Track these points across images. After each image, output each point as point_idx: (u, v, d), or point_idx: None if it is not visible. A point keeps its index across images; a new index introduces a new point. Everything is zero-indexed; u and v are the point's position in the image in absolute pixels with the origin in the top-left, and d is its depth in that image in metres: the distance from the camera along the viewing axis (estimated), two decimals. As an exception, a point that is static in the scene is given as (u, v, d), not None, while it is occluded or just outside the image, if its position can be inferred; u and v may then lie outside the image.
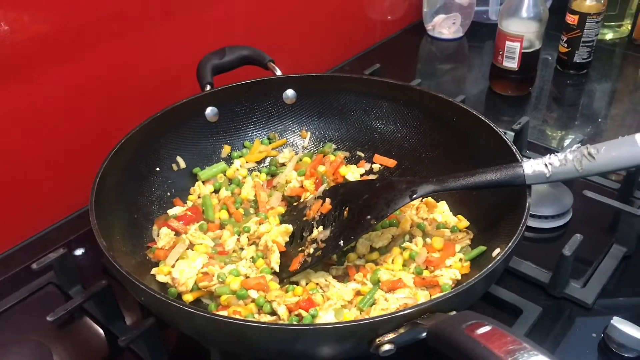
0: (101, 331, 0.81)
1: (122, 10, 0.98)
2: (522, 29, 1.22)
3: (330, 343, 0.61)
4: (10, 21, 0.85)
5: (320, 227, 0.82)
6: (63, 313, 0.75)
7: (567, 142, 1.16)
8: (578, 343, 0.77)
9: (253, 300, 0.75)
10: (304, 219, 0.86)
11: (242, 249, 0.85)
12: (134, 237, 0.83)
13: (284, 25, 1.29)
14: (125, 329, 0.80)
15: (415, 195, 0.75)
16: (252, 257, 0.82)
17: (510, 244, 0.66)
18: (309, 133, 1.04)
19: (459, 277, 0.78)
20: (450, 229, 0.86)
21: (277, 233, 0.84)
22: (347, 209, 0.81)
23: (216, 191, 0.96)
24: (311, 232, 0.83)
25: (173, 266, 0.80)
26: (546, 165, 0.71)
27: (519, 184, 0.72)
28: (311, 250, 0.80)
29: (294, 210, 0.90)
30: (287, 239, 0.85)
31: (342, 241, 0.77)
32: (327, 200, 0.85)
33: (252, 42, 1.04)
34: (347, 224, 0.79)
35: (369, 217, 0.76)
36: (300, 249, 0.82)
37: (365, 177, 0.97)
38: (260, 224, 0.87)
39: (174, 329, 0.79)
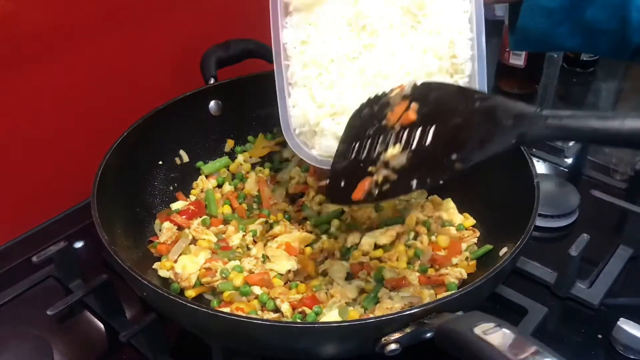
0: (101, 326, 0.81)
1: (127, 2, 0.97)
2: (529, 26, 1.20)
3: (335, 342, 0.60)
4: (11, 12, 0.84)
5: (397, 146, 0.64)
6: (63, 307, 0.75)
7: (572, 141, 1.15)
8: (584, 344, 0.76)
9: (256, 297, 0.74)
10: (384, 122, 0.67)
11: (248, 247, 0.84)
12: (136, 231, 0.82)
13: (289, 18, 1.28)
14: (125, 323, 0.80)
15: (525, 141, 0.56)
16: (263, 255, 0.82)
17: (518, 243, 0.66)
18: (313, 128, 1.02)
19: (465, 276, 0.77)
20: (456, 227, 0.85)
21: (295, 237, 0.82)
22: (432, 128, 0.63)
23: (219, 186, 0.95)
24: (387, 148, 0.65)
25: (175, 261, 0.79)
26: None
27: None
28: (380, 179, 0.64)
29: (374, 102, 0.70)
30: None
31: (415, 181, 0.61)
32: (414, 105, 0.65)
33: (256, 35, 1.02)
34: (427, 157, 0.62)
35: (454, 156, 0.59)
36: (370, 169, 0.65)
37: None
38: (265, 223, 0.87)
39: (175, 325, 0.78)
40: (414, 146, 0.63)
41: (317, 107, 0.73)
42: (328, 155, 0.73)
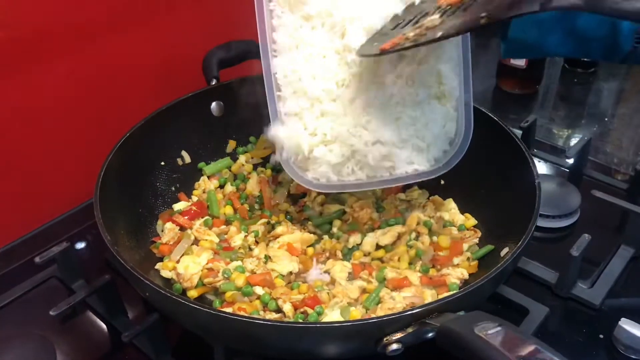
0: (104, 326, 0.81)
1: (129, 3, 0.97)
2: (530, 27, 1.20)
3: (337, 341, 0.60)
4: (14, 14, 0.84)
5: (438, 16, 0.66)
6: (66, 307, 0.75)
7: (573, 141, 1.15)
8: (585, 344, 0.76)
9: (258, 297, 0.75)
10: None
11: (250, 248, 0.84)
12: (138, 231, 0.82)
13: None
14: (128, 324, 0.80)
15: (550, 6, 0.57)
16: (265, 256, 0.82)
17: (520, 244, 0.66)
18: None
19: (467, 277, 0.77)
20: (458, 227, 0.85)
21: (297, 238, 0.83)
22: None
23: (221, 186, 0.95)
24: (426, 17, 0.67)
25: (178, 262, 0.79)
26: None
27: None
28: (411, 35, 0.65)
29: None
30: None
31: (440, 32, 0.62)
32: None
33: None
34: (458, 13, 0.64)
35: (483, 14, 0.60)
36: (403, 32, 0.67)
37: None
38: (267, 223, 0.87)
39: (177, 325, 0.78)
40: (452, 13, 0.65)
41: (309, 136, 0.75)
42: (324, 179, 0.77)
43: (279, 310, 0.73)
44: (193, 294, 0.77)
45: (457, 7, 0.66)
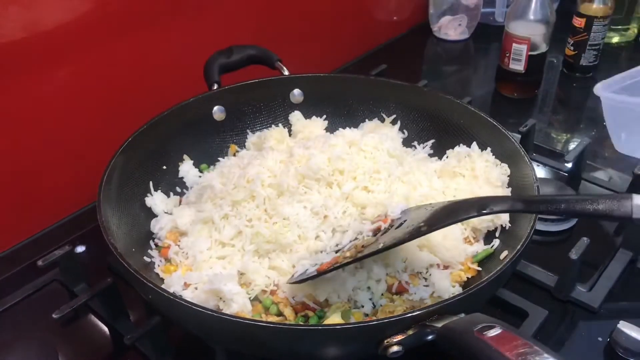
0: (106, 329, 0.81)
1: (130, 9, 0.98)
2: (529, 31, 1.21)
3: (337, 344, 0.61)
4: (16, 18, 0.85)
5: (371, 237, 0.73)
6: (68, 310, 0.75)
7: (572, 145, 1.16)
8: (584, 347, 0.77)
9: (260, 301, 0.75)
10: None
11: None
12: (140, 234, 0.83)
13: (292, 24, 1.29)
14: (130, 327, 0.80)
15: (485, 211, 0.65)
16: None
17: (519, 247, 0.66)
18: (315, 133, 1.03)
19: (465, 279, 0.78)
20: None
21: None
22: (403, 224, 0.72)
23: (222, 190, 0.95)
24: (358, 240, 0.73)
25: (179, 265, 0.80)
26: None
27: (623, 219, 0.60)
28: (348, 254, 0.71)
29: None
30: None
31: (382, 243, 0.67)
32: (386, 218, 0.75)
33: (259, 41, 1.04)
34: (396, 230, 0.71)
35: (421, 224, 0.67)
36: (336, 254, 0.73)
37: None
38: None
39: (180, 328, 0.78)
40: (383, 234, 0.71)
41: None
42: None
43: (280, 314, 0.74)
44: (195, 296, 0.77)
45: (388, 228, 0.72)
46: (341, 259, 0.70)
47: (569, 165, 1.04)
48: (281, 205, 0.76)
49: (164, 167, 0.91)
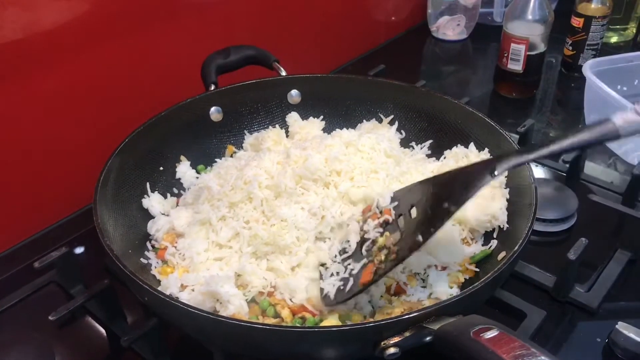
0: (103, 331, 0.81)
1: (127, 10, 0.98)
2: (527, 32, 1.21)
3: (335, 346, 0.60)
4: (14, 19, 0.85)
5: (387, 233, 0.71)
6: (65, 312, 0.75)
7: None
8: (582, 348, 0.77)
9: (257, 303, 0.75)
10: (361, 232, 0.75)
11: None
12: (137, 236, 0.82)
13: (289, 25, 1.29)
14: (127, 328, 0.80)
15: (496, 172, 0.64)
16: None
17: (517, 248, 0.66)
18: (313, 134, 1.03)
19: (462, 280, 0.78)
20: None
21: None
22: (411, 208, 0.71)
23: (219, 191, 0.95)
24: (374, 243, 0.72)
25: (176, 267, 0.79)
26: (637, 112, 0.61)
27: (613, 139, 0.63)
28: (382, 257, 0.69)
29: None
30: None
31: (420, 236, 0.66)
32: (386, 209, 0.74)
33: (256, 41, 1.03)
34: (421, 219, 0.69)
35: (445, 204, 0.65)
36: (365, 261, 0.71)
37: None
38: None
39: (176, 330, 0.78)
40: (401, 226, 0.70)
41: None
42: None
43: (276, 316, 0.73)
44: (192, 298, 0.77)
45: (395, 218, 0.71)
46: (377, 264, 0.68)
47: (567, 165, 1.04)
48: (279, 206, 0.76)
49: (161, 168, 0.91)
